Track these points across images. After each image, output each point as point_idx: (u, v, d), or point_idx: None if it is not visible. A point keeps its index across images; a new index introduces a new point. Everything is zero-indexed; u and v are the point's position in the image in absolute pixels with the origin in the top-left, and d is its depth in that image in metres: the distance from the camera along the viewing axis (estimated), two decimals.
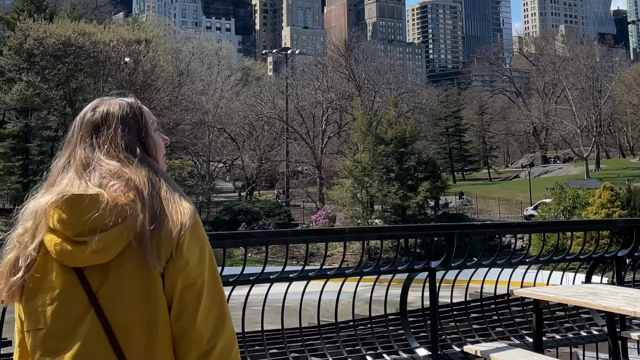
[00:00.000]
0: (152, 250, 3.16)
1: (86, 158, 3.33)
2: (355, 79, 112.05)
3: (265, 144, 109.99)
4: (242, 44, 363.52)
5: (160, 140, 3.62)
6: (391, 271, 9.09)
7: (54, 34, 79.37)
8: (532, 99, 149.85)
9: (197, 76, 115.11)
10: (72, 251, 3.16)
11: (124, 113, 3.48)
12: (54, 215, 3.20)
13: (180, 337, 3.21)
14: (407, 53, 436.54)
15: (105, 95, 3.70)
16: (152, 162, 3.44)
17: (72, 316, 3.18)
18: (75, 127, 3.48)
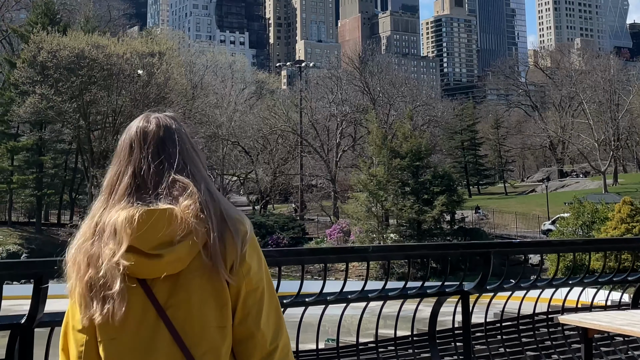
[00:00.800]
0: (220, 259, 3.39)
1: (156, 173, 3.48)
2: (369, 92, 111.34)
3: (279, 157, 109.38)
4: (256, 58, 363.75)
5: None
6: (420, 294, 8.15)
7: (68, 47, 79.06)
8: (548, 112, 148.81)
9: (210, 89, 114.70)
10: (147, 264, 3.35)
11: (179, 128, 3.66)
12: (128, 230, 3.35)
13: (245, 339, 3.45)
14: (421, 67, 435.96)
15: (118, 106, 3.06)
16: (207, 175, 3.63)
17: (144, 326, 3.36)
18: (135, 141, 3.55)
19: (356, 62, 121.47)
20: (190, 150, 3.60)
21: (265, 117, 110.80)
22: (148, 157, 3.48)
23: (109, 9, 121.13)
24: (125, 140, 3.58)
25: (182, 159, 3.52)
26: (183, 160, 3.53)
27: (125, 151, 3.54)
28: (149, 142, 3.51)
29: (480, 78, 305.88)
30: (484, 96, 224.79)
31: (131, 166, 3.49)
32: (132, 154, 3.52)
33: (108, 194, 3.51)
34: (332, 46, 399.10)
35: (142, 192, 3.43)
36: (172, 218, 3.34)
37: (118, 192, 3.47)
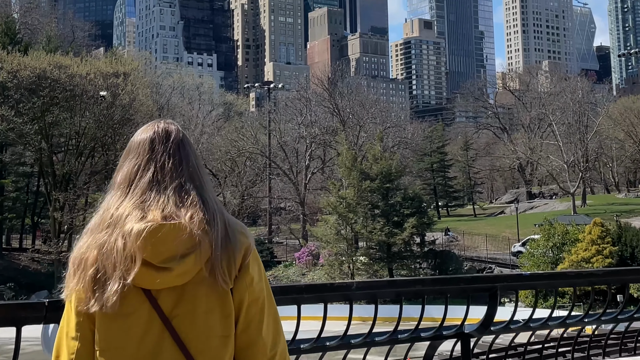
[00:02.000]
0: (223, 271, 3.50)
1: (174, 171, 3.62)
2: (339, 113, 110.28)
3: (247, 180, 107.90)
4: (224, 80, 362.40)
5: None
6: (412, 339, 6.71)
7: (29, 67, 77.03)
8: (517, 134, 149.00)
9: (177, 111, 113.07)
10: (156, 276, 3.44)
11: (189, 139, 3.82)
12: (140, 242, 3.45)
13: (247, 347, 3.58)
14: (390, 89, 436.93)
15: (81, 127, 3.12)
16: (211, 189, 3.75)
17: (149, 336, 3.45)
18: (157, 139, 3.68)
19: (325, 84, 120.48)
20: (199, 159, 3.75)
21: (233, 140, 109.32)
22: (170, 156, 3.60)
23: (72, 29, 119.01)
24: (145, 137, 3.66)
25: (196, 165, 3.67)
26: (197, 166, 3.68)
27: (145, 147, 3.62)
28: (172, 141, 3.65)
29: (449, 100, 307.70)
30: (453, 118, 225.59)
31: (153, 162, 3.58)
32: (153, 150, 3.61)
33: (126, 187, 3.56)
34: (301, 68, 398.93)
35: (160, 189, 3.53)
36: (180, 231, 3.42)
37: (140, 185, 3.55)
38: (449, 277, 7.40)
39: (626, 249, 73.83)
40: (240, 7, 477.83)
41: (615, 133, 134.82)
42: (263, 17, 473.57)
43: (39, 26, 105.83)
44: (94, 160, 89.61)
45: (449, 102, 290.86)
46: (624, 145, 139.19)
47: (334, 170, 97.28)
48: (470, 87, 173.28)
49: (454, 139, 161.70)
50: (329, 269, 79.85)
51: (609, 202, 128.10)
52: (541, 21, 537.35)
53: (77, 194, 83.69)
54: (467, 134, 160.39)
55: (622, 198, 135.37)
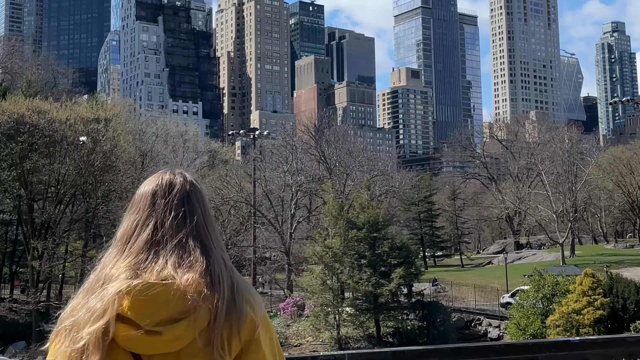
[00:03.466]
0: (222, 344, 3.15)
1: (177, 229, 3.30)
2: (326, 161, 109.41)
3: (231, 228, 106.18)
4: (210, 128, 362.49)
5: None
6: None
7: (7, 111, 75.33)
8: (505, 183, 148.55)
9: (161, 158, 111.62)
10: (145, 340, 3.14)
11: (202, 189, 3.53)
12: (125, 302, 3.15)
13: None
14: (377, 138, 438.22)
15: (61, 174, 3.06)
16: (222, 247, 3.41)
17: None
18: (160, 192, 3.39)
19: (312, 131, 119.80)
20: (209, 213, 3.41)
21: (217, 188, 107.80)
22: (171, 211, 3.30)
23: (54, 74, 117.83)
24: (147, 190, 3.39)
25: (203, 220, 3.34)
26: (204, 221, 3.34)
27: (146, 201, 3.35)
28: (174, 194, 3.35)
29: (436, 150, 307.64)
30: (441, 168, 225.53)
31: (153, 218, 3.29)
32: (154, 205, 3.33)
33: (123, 244, 3.27)
34: (288, 117, 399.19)
35: (159, 248, 3.23)
36: (172, 293, 3.10)
37: (136, 243, 3.24)
38: (474, 347, 5.38)
39: (618, 301, 72.27)
40: (226, 54, 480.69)
41: (604, 183, 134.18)
42: (249, 64, 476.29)
43: (19, 71, 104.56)
44: (74, 208, 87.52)
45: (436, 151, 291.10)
46: (613, 195, 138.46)
47: (320, 219, 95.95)
48: (458, 137, 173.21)
49: (442, 189, 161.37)
50: (314, 320, 78.27)
51: (598, 252, 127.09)
52: (529, 71, 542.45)
53: (57, 242, 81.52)
54: (454, 184, 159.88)
55: (611, 249, 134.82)
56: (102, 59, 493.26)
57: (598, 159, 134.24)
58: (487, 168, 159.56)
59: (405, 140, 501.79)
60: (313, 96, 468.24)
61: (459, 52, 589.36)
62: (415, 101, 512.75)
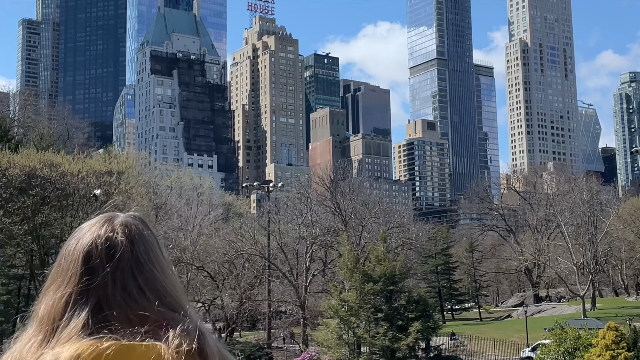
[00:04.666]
0: None
1: (129, 305, 2.56)
2: (341, 213, 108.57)
3: (246, 282, 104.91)
4: (225, 181, 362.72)
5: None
6: None
7: (19, 165, 74.82)
8: (524, 235, 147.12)
9: (175, 211, 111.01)
10: None
11: (152, 236, 2.78)
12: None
13: None
14: (393, 190, 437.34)
15: (73, 228, 2.72)
16: (191, 307, 2.73)
17: None
18: (96, 257, 2.60)
19: (327, 183, 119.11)
20: (168, 268, 2.68)
21: (231, 241, 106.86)
22: (114, 281, 2.52)
23: (67, 127, 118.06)
24: (78, 252, 2.60)
25: (164, 283, 2.61)
26: (164, 284, 2.60)
27: (76, 269, 2.55)
28: (117, 260, 2.56)
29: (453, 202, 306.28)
30: (458, 220, 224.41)
31: (93, 296, 2.49)
32: (92, 275, 2.52)
33: (49, 330, 2.48)
34: (303, 169, 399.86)
35: (100, 334, 2.43)
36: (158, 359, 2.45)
37: (68, 329, 2.45)
38: None
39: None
40: (241, 107, 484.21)
41: (625, 234, 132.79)
42: (264, 117, 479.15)
43: (33, 124, 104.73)
44: None
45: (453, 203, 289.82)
46: (634, 247, 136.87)
47: (335, 272, 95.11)
48: (475, 188, 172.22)
49: (459, 241, 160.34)
50: None
51: (620, 305, 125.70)
52: (546, 122, 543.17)
53: None
54: (472, 236, 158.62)
55: (633, 301, 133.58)
56: (118, 113, 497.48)
57: (618, 210, 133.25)
58: (505, 220, 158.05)
59: (421, 192, 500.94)
60: (328, 148, 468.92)
61: (475, 104, 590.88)
62: (431, 153, 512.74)
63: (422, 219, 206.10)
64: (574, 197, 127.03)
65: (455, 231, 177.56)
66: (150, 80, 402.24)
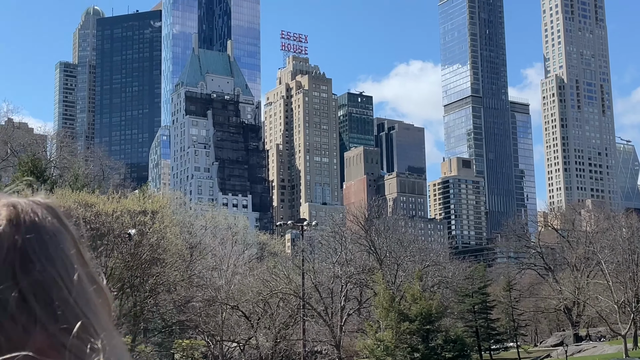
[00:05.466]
0: None
1: (13, 328, 1.90)
2: (376, 251, 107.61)
3: (280, 322, 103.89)
4: (260, 221, 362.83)
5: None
6: None
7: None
8: (563, 273, 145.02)
9: (209, 251, 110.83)
10: None
11: (58, 229, 2.13)
12: None
13: None
14: (429, 229, 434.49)
15: (108, 268, 2.03)
16: (115, 330, 2.10)
17: None
18: None
19: (361, 221, 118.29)
20: (85, 277, 2.03)
21: (266, 280, 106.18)
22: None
23: (102, 167, 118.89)
24: None
25: (65, 291, 1.93)
26: (65, 293, 1.92)
27: None
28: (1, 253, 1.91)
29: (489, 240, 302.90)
30: (495, 258, 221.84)
31: None
32: None
33: None
34: (337, 208, 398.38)
35: None
36: None
37: None
38: None
39: None
40: (275, 147, 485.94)
41: None
42: (298, 157, 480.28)
43: (68, 165, 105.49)
44: (122, 302, 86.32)
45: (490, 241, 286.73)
46: None
47: (370, 311, 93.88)
48: (512, 226, 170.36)
49: (496, 279, 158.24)
50: None
51: None
52: (583, 159, 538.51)
53: None
54: (509, 274, 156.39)
55: None
56: (153, 154, 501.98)
57: None
58: (543, 258, 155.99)
59: (457, 230, 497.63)
60: (363, 187, 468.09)
61: (510, 141, 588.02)
62: (467, 191, 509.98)
63: (458, 258, 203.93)
64: (614, 234, 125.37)
65: (492, 270, 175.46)
66: (185, 121, 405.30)
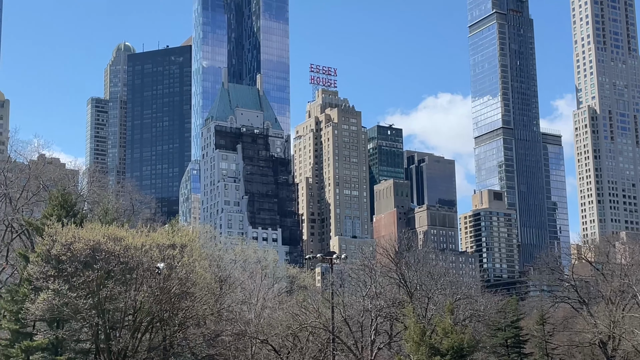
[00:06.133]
0: None
1: None
2: (406, 284, 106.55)
3: (310, 356, 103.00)
4: (290, 255, 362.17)
5: None
6: None
7: (83, 239, 75.23)
8: (598, 307, 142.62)
9: (238, 284, 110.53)
10: None
11: None
12: None
13: None
14: (460, 262, 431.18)
15: (138, 302, 2.36)
16: None
17: None
18: None
19: (391, 254, 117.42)
20: None
21: (295, 314, 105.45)
22: None
23: (132, 201, 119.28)
24: None
25: None
26: None
27: None
28: None
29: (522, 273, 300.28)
30: (527, 291, 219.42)
31: None
32: None
33: None
34: (367, 242, 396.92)
35: None
36: None
37: None
38: None
39: None
40: (304, 180, 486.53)
41: None
42: (328, 190, 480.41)
43: (98, 199, 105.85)
44: (152, 336, 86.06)
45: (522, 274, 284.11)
46: None
47: (401, 346, 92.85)
48: (545, 259, 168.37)
49: (529, 313, 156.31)
50: None
51: None
52: (617, 191, 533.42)
53: None
54: (542, 308, 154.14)
55: None
56: (183, 189, 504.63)
57: None
58: (577, 291, 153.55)
59: (489, 263, 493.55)
60: (393, 220, 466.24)
61: (542, 173, 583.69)
62: (498, 224, 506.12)
63: (490, 291, 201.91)
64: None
65: (525, 303, 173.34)
66: (215, 155, 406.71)
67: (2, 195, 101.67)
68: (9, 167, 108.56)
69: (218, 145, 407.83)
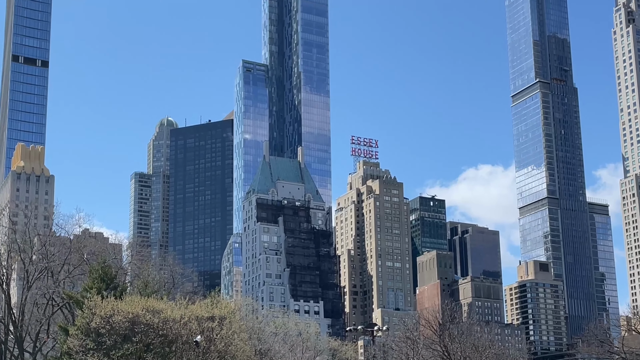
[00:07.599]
0: None
1: None
2: (450, 357, 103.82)
3: None
4: (332, 327, 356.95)
5: None
6: None
7: (122, 312, 74.65)
8: None
9: (279, 357, 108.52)
10: None
11: None
12: None
13: None
14: (506, 334, 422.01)
15: None
16: None
17: None
18: None
19: (435, 325, 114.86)
20: None
21: None
22: None
23: (173, 274, 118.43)
24: None
25: None
26: None
27: None
28: None
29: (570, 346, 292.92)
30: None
31: None
32: None
33: None
34: (410, 314, 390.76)
35: None
36: None
37: None
38: None
39: None
40: (346, 252, 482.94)
41: None
42: (370, 262, 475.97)
43: (138, 272, 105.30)
44: None
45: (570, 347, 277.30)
46: None
47: None
48: (594, 331, 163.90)
49: None
50: None
51: None
52: None
53: None
54: None
55: None
56: (225, 262, 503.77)
57: None
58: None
59: (535, 336, 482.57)
60: (436, 292, 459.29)
61: (590, 243, 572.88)
62: (545, 295, 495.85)
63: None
64: None
65: None
66: (257, 228, 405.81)
67: (44, 268, 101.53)
68: (52, 241, 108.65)
69: (259, 218, 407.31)
